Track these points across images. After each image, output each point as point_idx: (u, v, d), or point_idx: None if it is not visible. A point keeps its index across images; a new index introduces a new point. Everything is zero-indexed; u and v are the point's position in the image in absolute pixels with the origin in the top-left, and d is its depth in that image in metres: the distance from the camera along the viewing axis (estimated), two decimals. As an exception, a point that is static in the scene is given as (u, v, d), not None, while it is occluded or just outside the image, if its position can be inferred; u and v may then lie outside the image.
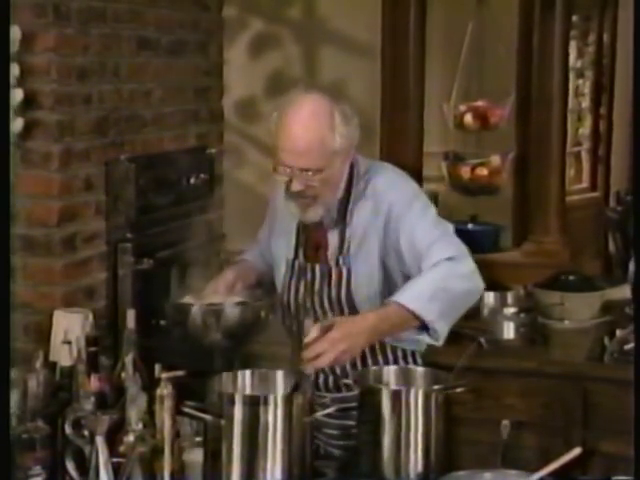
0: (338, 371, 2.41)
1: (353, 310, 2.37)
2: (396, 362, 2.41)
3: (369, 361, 2.40)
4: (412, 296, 2.23)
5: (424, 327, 2.25)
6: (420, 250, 2.29)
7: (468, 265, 2.30)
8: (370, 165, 2.42)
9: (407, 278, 2.34)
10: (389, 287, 2.36)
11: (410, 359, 2.44)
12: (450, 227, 2.37)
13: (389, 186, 2.37)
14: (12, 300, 2.35)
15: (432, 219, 2.36)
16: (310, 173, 2.26)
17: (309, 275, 2.41)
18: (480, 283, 2.33)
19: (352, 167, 2.38)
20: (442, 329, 2.25)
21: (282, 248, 2.47)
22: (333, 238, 2.39)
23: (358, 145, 2.50)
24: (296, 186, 2.28)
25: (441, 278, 2.25)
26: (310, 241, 2.43)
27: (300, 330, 2.41)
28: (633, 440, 1.97)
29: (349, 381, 2.33)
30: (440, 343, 2.29)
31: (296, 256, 2.44)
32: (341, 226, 2.37)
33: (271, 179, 2.38)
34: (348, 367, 2.39)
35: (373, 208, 2.34)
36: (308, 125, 2.24)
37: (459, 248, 2.32)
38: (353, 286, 2.36)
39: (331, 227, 2.38)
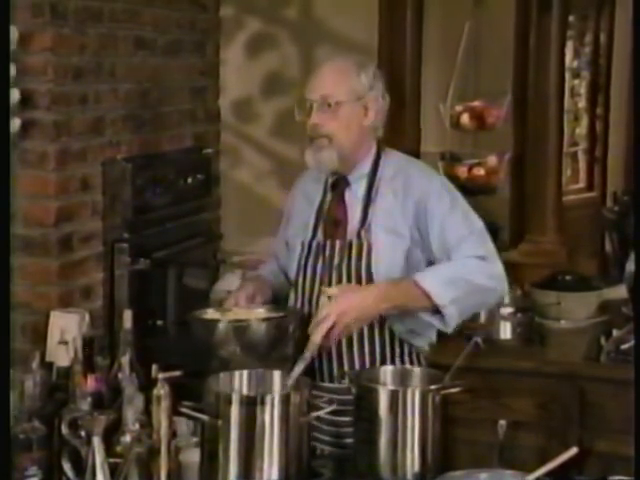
0: (346, 361, 2.40)
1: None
2: (402, 357, 2.42)
3: (377, 353, 2.39)
4: (428, 276, 2.29)
5: (437, 311, 2.29)
6: (449, 243, 2.34)
7: (497, 266, 2.36)
8: (401, 155, 2.51)
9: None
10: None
11: (414, 357, 2.45)
12: (481, 224, 2.41)
13: (421, 174, 2.44)
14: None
15: (462, 214, 2.40)
16: (329, 103, 2.34)
17: (328, 251, 2.42)
18: (505, 285, 2.38)
19: (379, 148, 2.46)
20: (452, 315, 2.28)
21: (300, 236, 2.49)
22: (355, 214, 2.42)
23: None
24: (314, 118, 2.36)
25: (466, 270, 2.30)
26: (330, 218, 2.46)
27: (315, 310, 2.41)
28: (634, 440, 1.97)
29: (345, 381, 2.33)
30: (449, 330, 2.32)
31: (314, 236, 2.46)
32: (365, 202, 2.41)
33: (268, 180, 2.39)
34: (357, 357, 2.40)
35: (403, 191, 2.39)
36: (335, 65, 2.43)
37: (490, 249, 2.37)
38: (374, 259, 2.38)
39: (354, 203, 2.41)
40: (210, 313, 2.43)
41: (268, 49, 3.87)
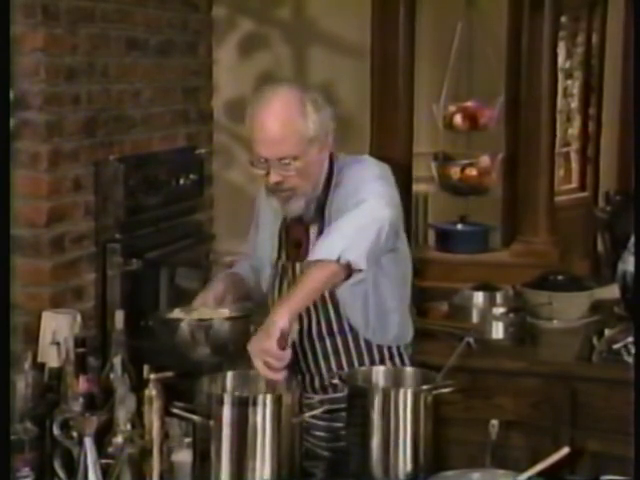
0: (324, 372, 2.40)
1: (336, 306, 2.36)
2: (382, 362, 2.39)
3: (355, 363, 2.38)
4: (314, 252, 2.15)
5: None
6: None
7: (377, 202, 2.20)
8: (351, 160, 2.39)
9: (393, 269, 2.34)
10: (374, 280, 2.34)
11: (397, 359, 2.43)
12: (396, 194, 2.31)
13: (361, 173, 2.31)
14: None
15: (380, 186, 2.26)
16: (286, 162, 2.24)
17: (290, 274, 2.38)
18: (388, 211, 2.20)
19: (332, 164, 2.37)
20: (355, 258, 2.10)
21: (267, 251, 2.46)
22: (313, 235, 2.36)
23: (348, 146, 2.51)
24: (274, 177, 2.26)
25: (345, 221, 2.17)
26: (291, 239, 2.41)
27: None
28: (634, 441, 1.96)
29: (336, 381, 2.33)
30: (363, 267, 2.12)
31: (279, 256, 2.43)
32: (320, 221, 2.34)
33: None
34: (334, 368, 2.38)
35: (345, 197, 2.28)
36: (279, 114, 2.23)
37: (377, 192, 2.23)
38: None
39: (311, 223, 2.36)
40: (175, 313, 2.40)
41: (261, 49, 3.87)
